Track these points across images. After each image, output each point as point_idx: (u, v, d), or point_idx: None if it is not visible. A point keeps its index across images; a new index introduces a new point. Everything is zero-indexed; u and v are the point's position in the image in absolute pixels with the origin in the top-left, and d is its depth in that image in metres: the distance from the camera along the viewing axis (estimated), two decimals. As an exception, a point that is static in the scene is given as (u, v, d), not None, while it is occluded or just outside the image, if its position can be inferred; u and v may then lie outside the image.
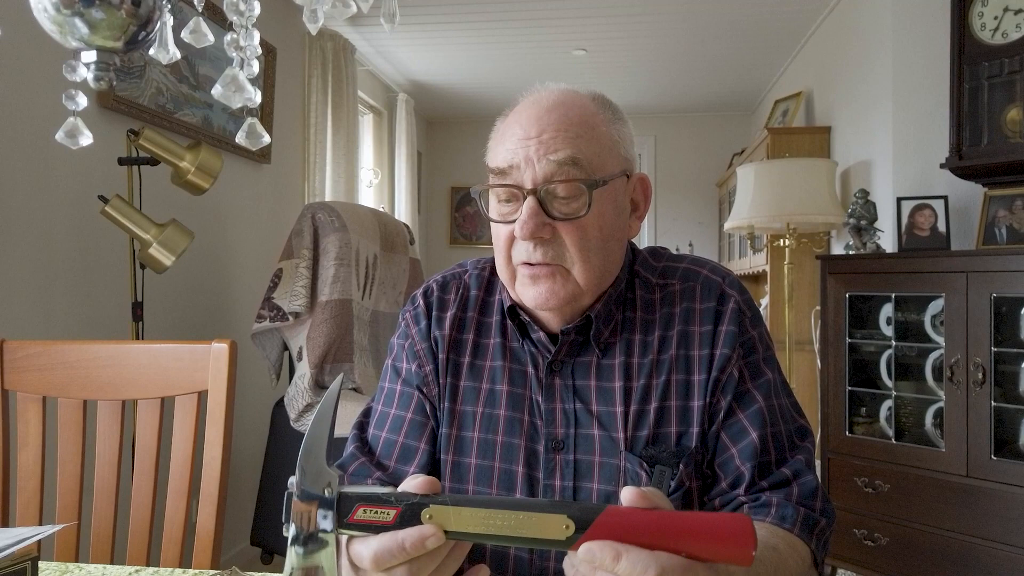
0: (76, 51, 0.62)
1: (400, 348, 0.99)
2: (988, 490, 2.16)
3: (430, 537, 0.57)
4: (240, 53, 0.52)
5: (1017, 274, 2.11)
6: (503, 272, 0.90)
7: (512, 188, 0.85)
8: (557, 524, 0.56)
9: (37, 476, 1.19)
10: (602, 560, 0.54)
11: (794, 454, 0.88)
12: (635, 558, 0.53)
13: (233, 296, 3.00)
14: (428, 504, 0.58)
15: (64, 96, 0.63)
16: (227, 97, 0.52)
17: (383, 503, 0.59)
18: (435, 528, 0.58)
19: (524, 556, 0.87)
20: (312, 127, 3.75)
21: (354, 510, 0.59)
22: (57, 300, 2.07)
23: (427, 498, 0.59)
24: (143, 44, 0.62)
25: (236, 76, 0.51)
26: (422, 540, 0.57)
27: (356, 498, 0.59)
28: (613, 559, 0.53)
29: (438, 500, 0.58)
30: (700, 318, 0.90)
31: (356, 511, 0.59)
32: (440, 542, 0.58)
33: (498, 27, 4.12)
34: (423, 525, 0.58)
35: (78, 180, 2.13)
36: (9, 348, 1.22)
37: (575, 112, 0.86)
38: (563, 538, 0.56)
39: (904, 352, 2.49)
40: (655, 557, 0.53)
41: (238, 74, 0.51)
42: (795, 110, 4.27)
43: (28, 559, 0.75)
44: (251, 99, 0.54)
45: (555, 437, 0.89)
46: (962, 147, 2.48)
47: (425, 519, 0.58)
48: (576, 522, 0.55)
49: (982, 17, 2.44)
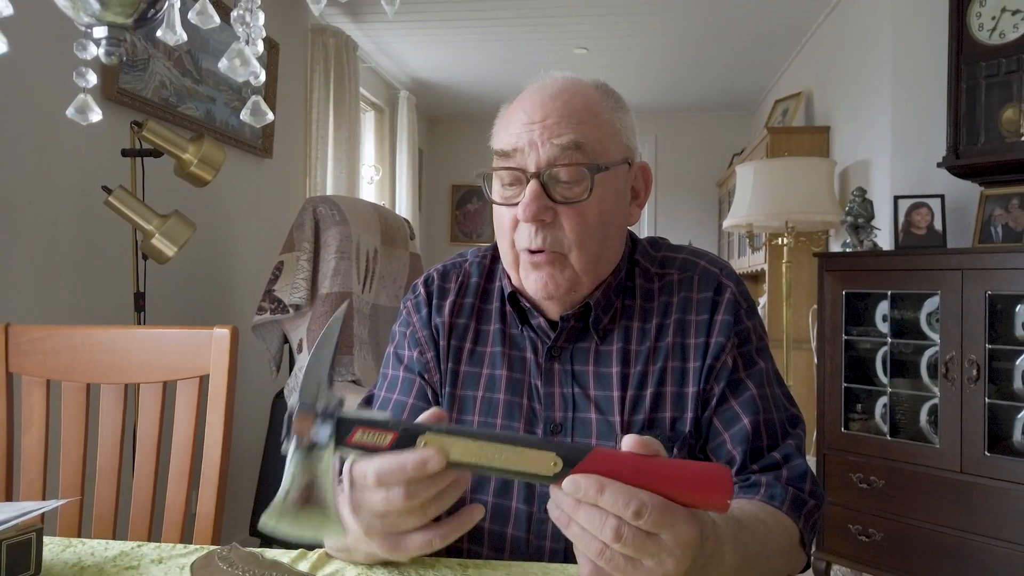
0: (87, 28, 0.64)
1: (402, 336, 1.01)
2: (982, 486, 2.17)
3: (431, 460, 0.60)
4: (246, 29, 0.53)
5: (1012, 272, 2.13)
6: (506, 256, 0.92)
7: (516, 171, 0.87)
8: (546, 460, 0.58)
9: (40, 458, 1.21)
10: (586, 491, 0.56)
11: (785, 440, 0.90)
12: (617, 490, 0.56)
13: (234, 288, 3.02)
14: (424, 431, 0.61)
15: (75, 73, 0.64)
16: (233, 70, 0.54)
17: (381, 427, 0.61)
18: (436, 452, 0.60)
19: (521, 537, 0.89)
20: (314, 123, 3.77)
21: (352, 432, 0.61)
22: (60, 290, 2.09)
23: (423, 426, 0.62)
24: (152, 22, 0.63)
25: (242, 50, 0.52)
26: (424, 463, 0.60)
27: (354, 421, 0.61)
28: (597, 491, 0.56)
29: (434, 429, 0.61)
30: (697, 307, 0.91)
31: (354, 433, 0.61)
32: (440, 466, 0.60)
33: (500, 25, 4.13)
34: (426, 448, 0.60)
35: (82, 171, 2.15)
36: (14, 332, 1.24)
37: (579, 99, 0.88)
38: (551, 474, 0.58)
39: (900, 349, 2.50)
40: (636, 493, 0.55)
41: (244, 48, 0.53)
42: (795, 110, 4.29)
43: (33, 530, 0.77)
44: (256, 74, 0.55)
45: (553, 420, 0.91)
46: (959, 146, 2.50)
47: (420, 446, 0.60)
48: (564, 460, 0.58)
49: (980, 17, 2.45)
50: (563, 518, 0.59)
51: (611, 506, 0.55)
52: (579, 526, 0.57)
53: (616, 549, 0.56)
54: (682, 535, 0.56)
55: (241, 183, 3.09)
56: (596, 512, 0.56)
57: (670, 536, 0.56)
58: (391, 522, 0.65)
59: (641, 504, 0.55)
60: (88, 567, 0.80)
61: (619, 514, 0.55)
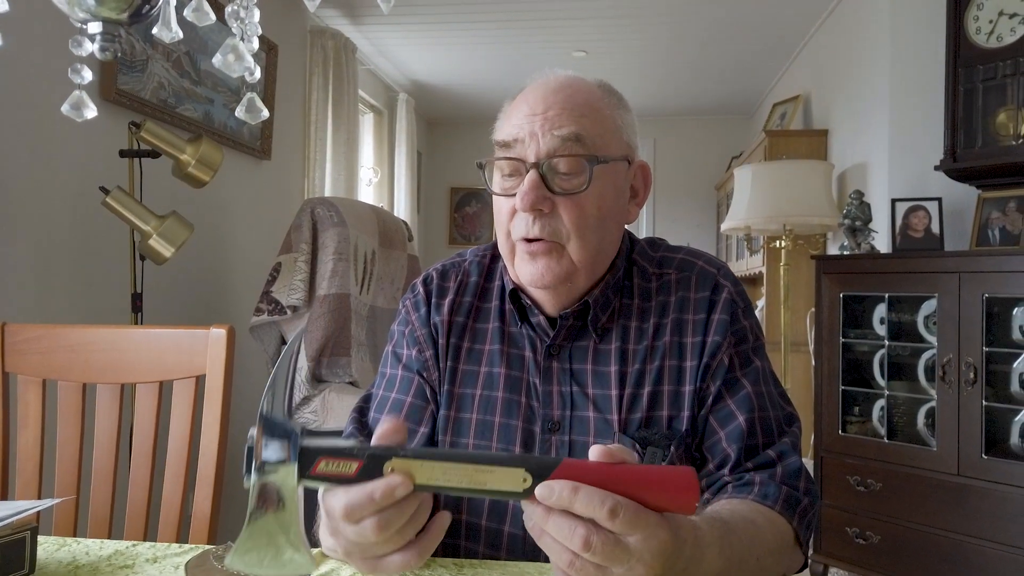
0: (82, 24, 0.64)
1: (400, 334, 1.01)
2: (979, 489, 2.17)
3: (399, 486, 0.58)
4: (240, 25, 0.53)
5: (1009, 275, 2.13)
6: (503, 247, 0.92)
7: (515, 161, 0.87)
8: (515, 477, 0.58)
9: (36, 458, 1.21)
10: (560, 495, 0.56)
11: (780, 438, 0.90)
12: (591, 492, 0.56)
13: (231, 289, 3.02)
14: (390, 457, 0.59)
15: (70, 70, 0.64)
16: (227, 65, 0.54)
17: (345, 455, 0.59)
18: (403, 477, 0.58)
19: (518, 534, 0.89)
20: (313, 124, 3.77)
21: (316, 463, 0.59)
22: (57, 290, 2.09)
23: (389, 450, 0.60)
24: (147, 18, 0.63)
25: (236, 46, 0.53)
26: (391, 490, 0.58)
27: (317, 451, 0.59)
28: (571, 492, 0.56)
29: (400, 453, 0.59)
30: (694, 307, 0.92)
31: (318, 464, 0.59)
32: (408, 491, 0.58)
33: (499, 28, 4.14)
34: (392, 475, 0.59)
35: (80, 171, 2.15)
36: (11, 331, 1.24)
37: (581, 94, 0.89)
38: (521, 490, 0.58)
39: (897, 352, 2.50)
40: (610, 494, 0.56)
41: (238, 44, 0.53)
42: (793, 113, 4.30)
43: (27, 528, 0.77)
44: (250, 69, 0.55)
45: (551, 419, 0.91)
46: (956, 149, 2.50)
47: (387, 472, 0.59)
48: (533, 475, 0.57)
49: (977, 20, 2.46)
50: (536, 529, 0.58)
51: (585, 507, 0.55)
52: (550, 536, 0.57)
53: (586, 558, 0.56)
54: (652, 539, 0.56)
55: (239, 184, 3.09)
56: (565, 522, 0.56)
57: (639, 540, 0.56)
58: (367, 548, 0.64)
59: (616, 503, 0.55)
60: (83, 566, 0.80)
61: (594, 515, 0.55)
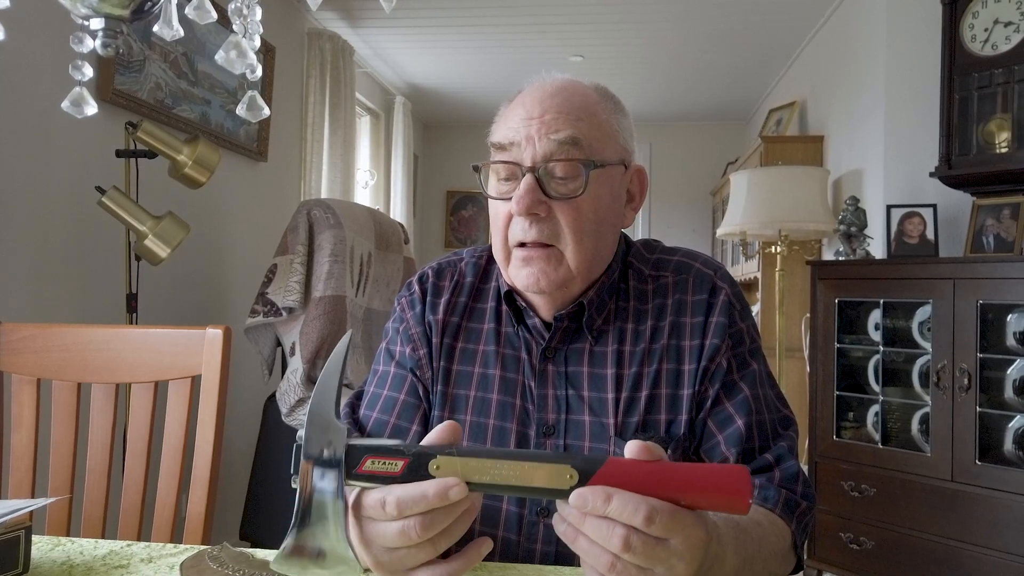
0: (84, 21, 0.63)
1: (395, 332, 1.00)
2: (973, 494, 2.18)
3: (453, 487, 0.58)
4: (243, 22, 0.53)
5: (1003, 281, 2.14)
6: (499, 252, 0.91)
7: (512, 165, 0.87)
8: (561, 474, 0.57)
9: (30, 457, 1.20)
10: (593, 503, 0.55)
11: (777, 442, 0.90)
12: (626, 499, 0.55)
13: (227, 291, 3.01)
14: (435, 455, 0.59)
15: (71, 66, 0.64)
16: (229, 63, 0.53)
17: (391, 454, 0.60)
18: (458, 480, 0.58)
19: (514, 512, 0.88)
20: (310, 126, 3.77)
21: (362, 461, 0.60)
22: (52, 290, 2.08)
23: (434, 449, 0.60)
24: (149, 15, 0.63)
25: (239, 43, 0.52)
26: (445, 490, 0.58)
27: (364, 449, 0.60)
28: (604, 501, 0.55)
29: (445, 451, 0.59)
30: (692, 309, 0.91)
31: (364, 462, 0.60)
32: (463, 494, 0.58)
33: (496, 32, 4.15)
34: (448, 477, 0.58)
35: (76, 171, 2.14)
36: (5, 330, 1.23)
37: (578, 97, 0.89)
38: (568, 488, 0.57)
39: (892, 357, 2.51)
40: (644, 499, 0.55)
41: (241, 40, 0.52)
42: (789, 119, 4.31)
43: (22, 528, 0.76)
44: (253, 67, 0.55)
45: (546, 422, 0.90)
46: (951, 156, 2.52)
47: (432, 470, 0.58)
48: (580, 472, 0.57)
49: (973, 28, 2.48)
50: (570, 532, 0.57)
51: (619, 514, 0.54)
52: (587, 539, 0.56)
53: (626, 559, 0.55)
54: (691, 538, 0.56)
55: (236, 185, 3.08)
56: (603, 523, 0.55)
57: (680, 540, 0.55)
58: (400, 557, 0.62)
59: (651, 509, 0.54)
60: (77, 566, 0.79)
61: (629, 522, 0.54)
